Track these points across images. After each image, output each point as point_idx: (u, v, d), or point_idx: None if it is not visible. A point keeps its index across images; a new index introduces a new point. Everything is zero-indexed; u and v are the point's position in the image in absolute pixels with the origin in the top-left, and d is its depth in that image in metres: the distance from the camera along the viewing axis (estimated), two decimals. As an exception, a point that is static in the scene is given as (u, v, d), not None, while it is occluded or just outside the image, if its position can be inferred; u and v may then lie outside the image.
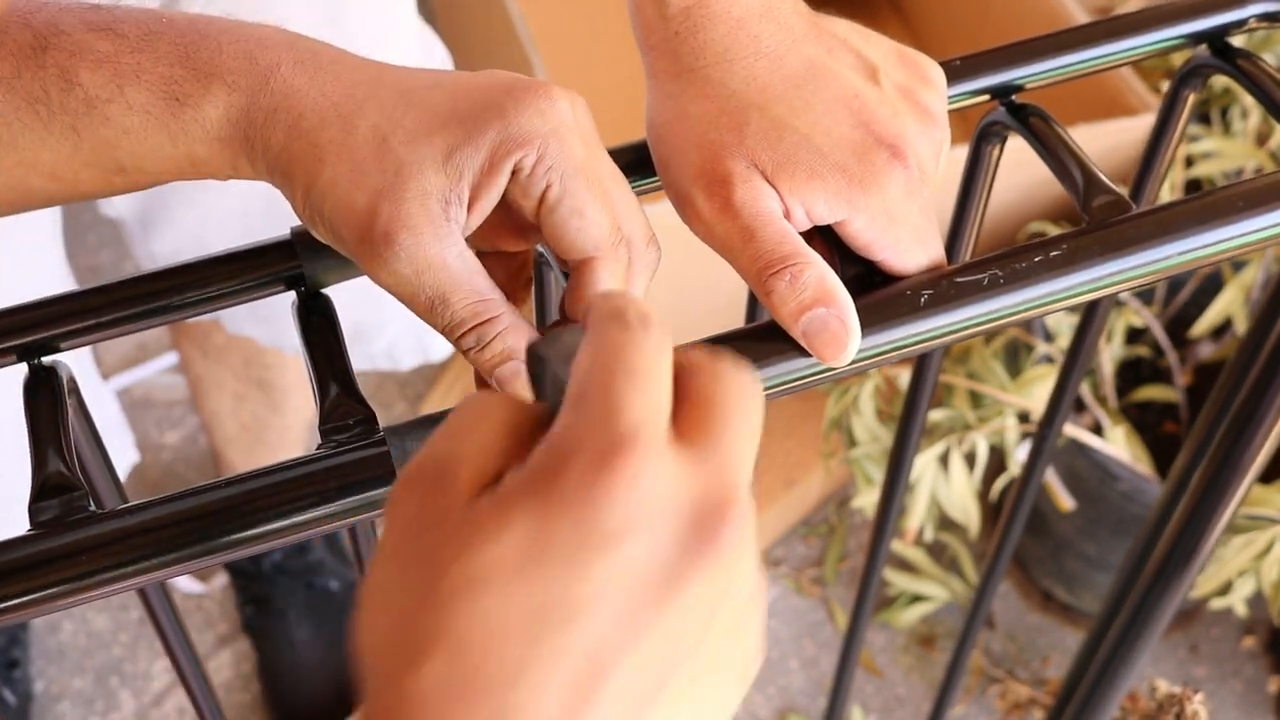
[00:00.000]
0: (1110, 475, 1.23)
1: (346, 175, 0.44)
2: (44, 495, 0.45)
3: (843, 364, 0.46)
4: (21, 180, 0.46)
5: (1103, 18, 0.60)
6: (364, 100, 0.45)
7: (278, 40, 0.46)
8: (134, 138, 0.45)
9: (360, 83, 0.46)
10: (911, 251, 0.50)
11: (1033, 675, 1.42)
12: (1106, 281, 0.50)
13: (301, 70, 0.46)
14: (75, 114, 0.45)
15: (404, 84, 0.46)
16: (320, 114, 0.45)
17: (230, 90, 0.45)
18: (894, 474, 0.73)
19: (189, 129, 0.45)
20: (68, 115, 0.45)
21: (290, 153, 0.45)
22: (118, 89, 0.45)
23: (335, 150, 0.45)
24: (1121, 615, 0.83)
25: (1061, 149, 0.53)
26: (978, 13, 1.57)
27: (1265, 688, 1.42)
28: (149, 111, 0.45)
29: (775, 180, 0.48)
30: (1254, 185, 0.52)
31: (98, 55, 0.45)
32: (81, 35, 0.45)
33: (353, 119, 0.45)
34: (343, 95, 0.45)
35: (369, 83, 0.46)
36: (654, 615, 0.30)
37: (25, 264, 0.89)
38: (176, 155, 0.46)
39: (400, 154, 0.44)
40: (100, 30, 0.45)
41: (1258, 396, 0.67)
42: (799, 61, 0.50)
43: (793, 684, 1.41)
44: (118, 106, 0.45)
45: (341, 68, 0.46)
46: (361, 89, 0.46)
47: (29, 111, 0.45)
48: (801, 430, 1.45)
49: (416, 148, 0.44)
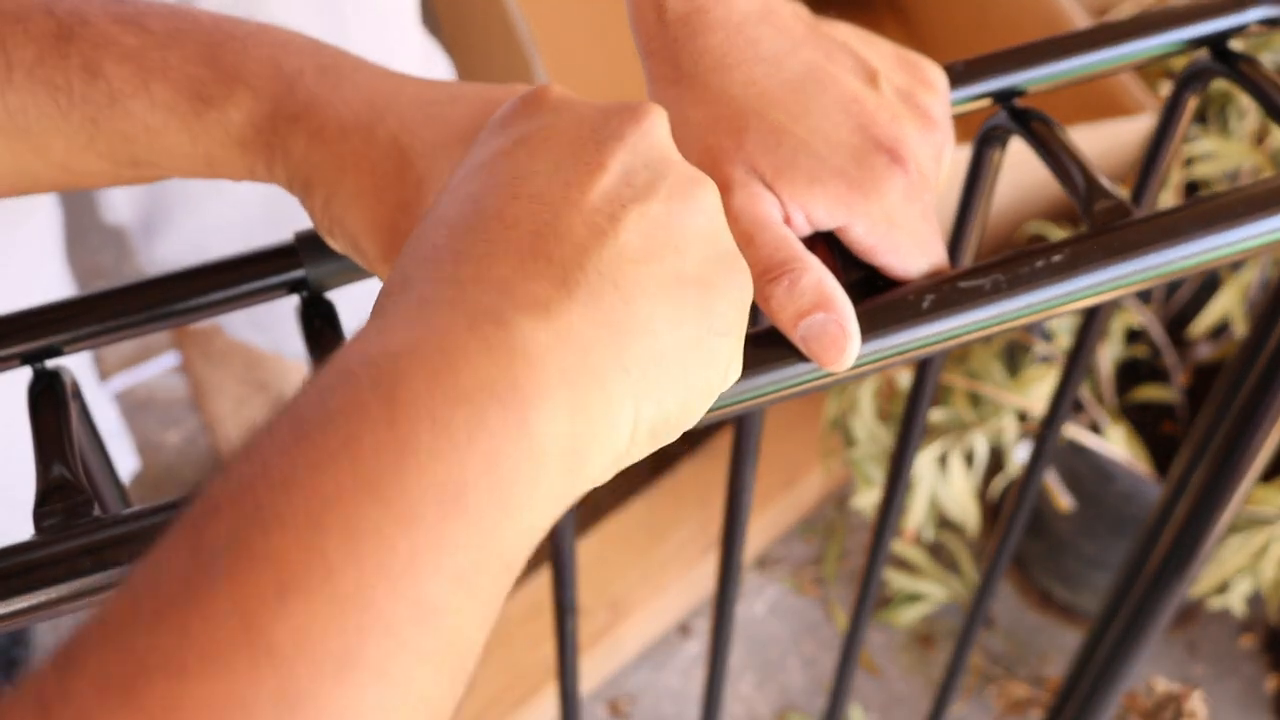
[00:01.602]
0: (1109, 475, 1.24)
1: (369, 189, 0.44)
2: (48, 500, 0.45)
3: (842, 368, 0.46)
4: (27, 166, 0.46)
5: (1105, 22, 0.60)
6: (384, 111, 0.45)
7: (301, 46, 0.47)
8: (154, 134, 0.45)
9: (381, 92, 0.46)
10: (913, 256, 0.50)
11: (1031, 674, 1.42)
12: (1109, 285, 0.50)
13: (324, 79, 0.46)
14: (97, 106, 0.45)
15: (424, 96, 0.46)
16: (342, 124, 0.45)
17: (255, 96, 0.45)
18: (894, 475, 0.73)
19: (211, 130, 0.45)
20: (89, 107, 0.45)
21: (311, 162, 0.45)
22: (143, 84, 0.44)
23: (356, 162, 0.45)
24: (1121, 615, 0.84)
25: (1063, 153, 0.53)
26: (977, 15, 1.57)
27: (1263, 686, 1.42)
28: (172, 110, 0.45)
29: (775, 185, 0.48)
30: (1254, 190, 0.52)
31: (124, 49, 0.44)
32: (107, 27, 0.45)
33: (374, 130, 0.45)
34: (364, 105, 0.45)
35: (390, 93, 0.46)
36: (596, 160, 0.38)
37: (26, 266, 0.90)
38: (194, 154, 0.46)
39: (420, 168, 0.44)
40: (126, 23, 0.45)
41: (1258, 397, 0.67)
42: (798, 66, 0.50)
43: (792, 683, 1.41)
44: (141, 102, 0.45)
45: (362, 76, 0.46)
46: (382, 99, 0.46)
47: (48, 99, 0.44)
48: (801, 430, 1.45)
49: (436, 161, 0.44)
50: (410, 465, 0.30)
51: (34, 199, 0.81)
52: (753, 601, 1.46)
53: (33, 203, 0.82)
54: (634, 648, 1.39)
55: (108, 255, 1.69)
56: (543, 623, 1.32)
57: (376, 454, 0.29)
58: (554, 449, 0.33)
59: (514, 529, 0.31)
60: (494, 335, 0.33)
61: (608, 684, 1.39)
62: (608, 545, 1.39)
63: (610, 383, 0.35)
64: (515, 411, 0.32)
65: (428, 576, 0.29)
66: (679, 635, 1.42)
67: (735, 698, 1.40)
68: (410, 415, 0.30)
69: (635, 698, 1.39)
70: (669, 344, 0.37)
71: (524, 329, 0.33)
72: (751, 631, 1.44)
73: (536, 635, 1.32)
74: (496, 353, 0.32)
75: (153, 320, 0.50)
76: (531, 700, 1.29)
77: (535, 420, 0.32)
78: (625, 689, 1.39)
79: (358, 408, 0.30)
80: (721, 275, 0.39)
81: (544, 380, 0.33)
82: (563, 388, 0.33)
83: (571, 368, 0.34)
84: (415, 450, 0.30)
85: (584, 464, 0.34)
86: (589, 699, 1.37)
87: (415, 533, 0.29)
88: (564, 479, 0.34)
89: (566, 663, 0.67)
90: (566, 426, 0.33)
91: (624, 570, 1.37)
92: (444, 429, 0.30)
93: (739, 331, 0.40)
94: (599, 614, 1.34)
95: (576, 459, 0.34)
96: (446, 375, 0.31)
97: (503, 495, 0.31)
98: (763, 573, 1.48)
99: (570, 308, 0.35)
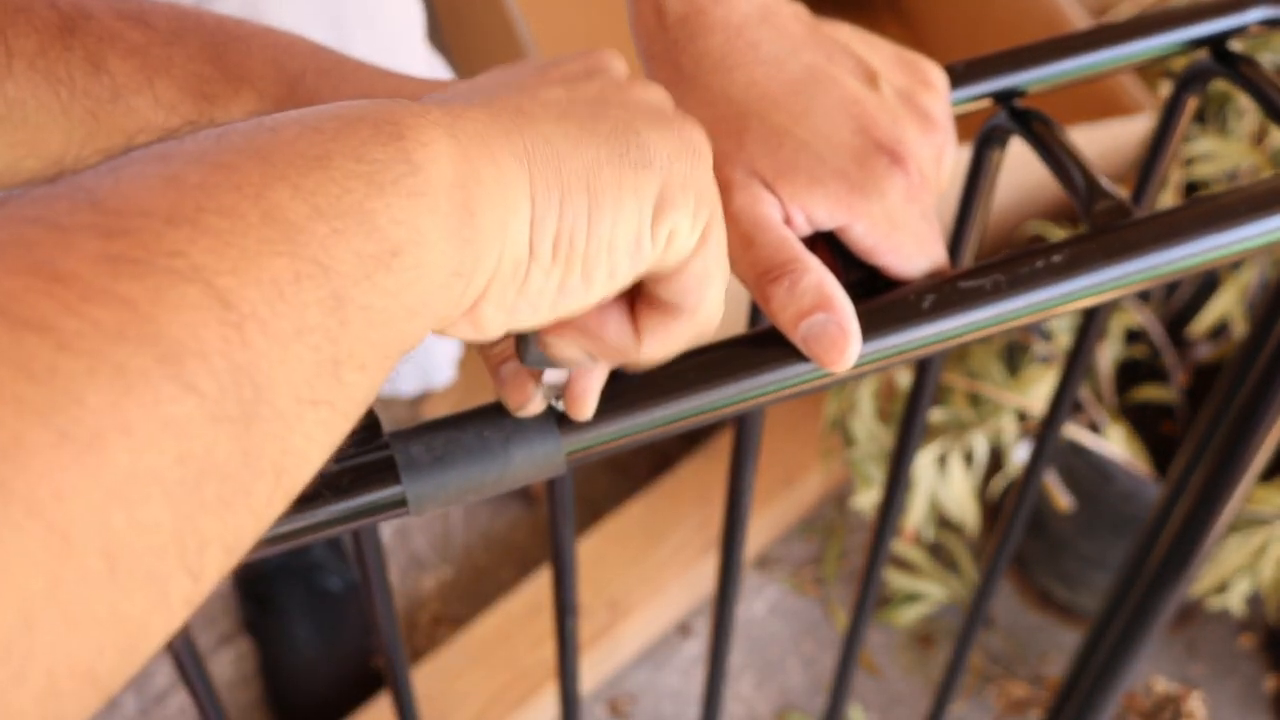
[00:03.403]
0: (1108, 475, 1.24)
1: None
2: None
3: (843, 369, 0.46)
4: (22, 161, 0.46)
5: (1105, 23, 0.60)
6: None
7: (302, 48, 0.47)
8: (154, 131, 0.45)
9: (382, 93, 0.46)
10: (913, 256, 0.50)
11: (1031, 674, 1.42)
12: (1109, 286, 0.50)
13: (325, 79, 0.46)
14: (98, 100, 0.44)
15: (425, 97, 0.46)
16: None
17: (259, 95, 0.45)
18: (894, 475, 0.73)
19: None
20: (89, 100, 0.44)
21: None
22: (147, 81, 0.44)
23: None
24: (1120, 615, 0.84)
25: (1064, 154, 0.54)
26: (977, 15, 1.57)
27: (1262, 686, 1.42)
28: (175, 107, 0.45)
29: (775, 187, 0.49)
30: (1254, 190, 0.52)
31: (128, 44, 0.44)
32: (111, 22, 0.45)
33: None
34: None
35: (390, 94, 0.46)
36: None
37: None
38: None
39: None
40: (130, 19, 0.45)
41: (1258, 397, 0.67)
42: (798, 67, 0.50)
43: (792, 683, 1.41)
44: (144, 98, 0.44)
45: (364, 77, 0.47)
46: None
47: (49, 92, 0.44)
48: (800, 430, 1.45)
49: None
50: (282, 135, 0.30)
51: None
52: (753, 601, 1.46)
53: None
54: (634, 648, 1.39)
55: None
56: (543, 623, 1.33)
57: (273, 128, 0.31)
58: (435, 181, 0.32)
59: (387, 213, 0.31)
60: (401, 112, 0.33)
61: (608, 684, 1.39)
62: (607, 545, 1.39)
63: (501, 156, 0.35)
64: (389, 135, 0.32)
65: (281, 198, 0.29)
66: (679, 635, 1.43)
67: (735, 698, 1.40)
68: (298, 118, 0.32)
69: (635, 698, 1.39)
70: (567, 148, 0.37)
71: (429, 110, 0.34)
72: (751, 631, 1.44)
73: (536, 635, 1.32)
74: (399, 114, 0.33)
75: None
76: (531, 700, 1.29)
77: (412, 148, 0.32)
78: (625, 689, 1.40)
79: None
80: (649, 118, 0.39)
81: (430, 132, 0.33)
82: (447, 140, 0.33)
83: (462, 133, 0.34)
84: (293, 123, 0.31)
85: (474, 216, 0.34)
86: (589, 699, 1.37)
87: (268, 168, 0.29)
88: (453, 218, 0.33)
89: (566, 663, 0.67)
90: (447, 171, 0.33)
91: (624, 570, 1.37)
92: (315, 122, 0.31)
93: (666, 172, 0.38)
94: (599, 614, 1.34)
95: (464, 205, 0.33)
96: (355, 110, 0.32)
97: (370, 181, 0.31)
98: (763, 573, 1.48)
99: (479, 113, 0.36)
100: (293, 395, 0.28)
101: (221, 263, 0.26)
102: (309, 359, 0.28)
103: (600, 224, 0.37)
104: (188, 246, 0.26)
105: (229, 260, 0.27)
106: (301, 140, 0.30)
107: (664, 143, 0.38)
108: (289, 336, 0.28)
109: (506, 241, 0.35)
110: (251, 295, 0.27)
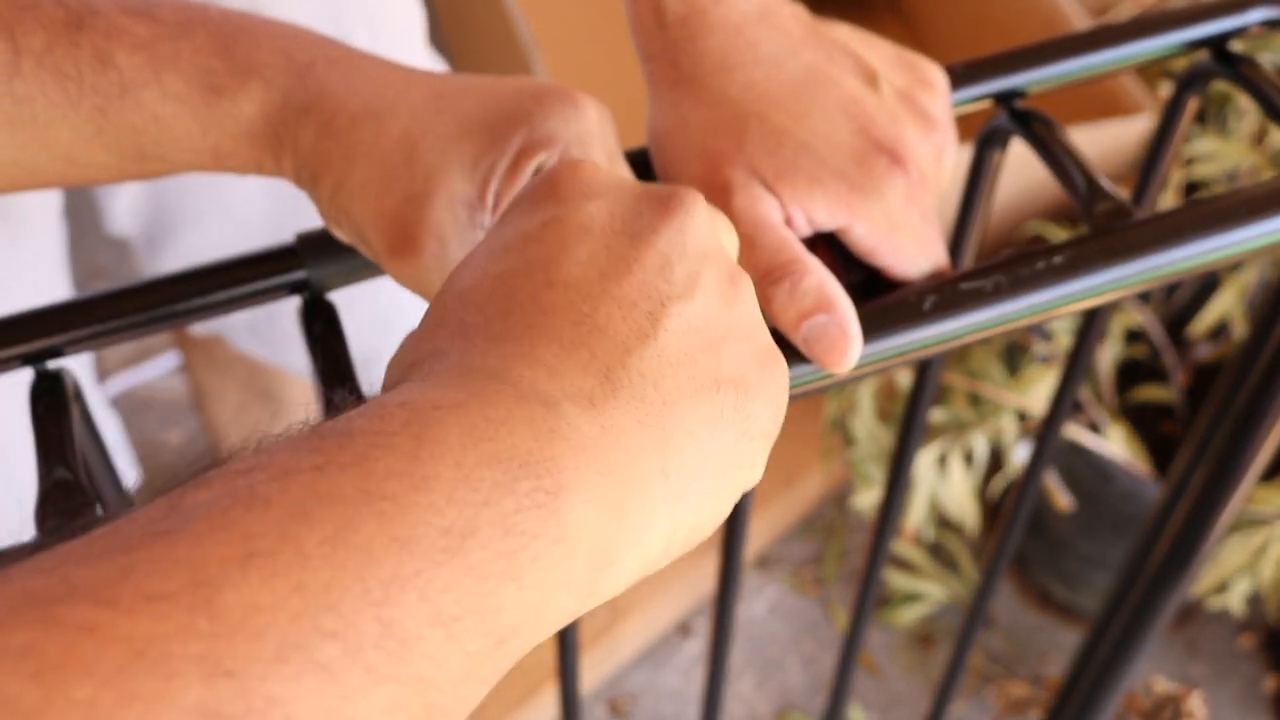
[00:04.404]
0: (1108, 475, 1.24)
1: (377, 179, 0.44)
2: (50, 501, 0.45)
3: (844, 370, 0.46)
4: (31, 159, 0.46)
5: (1106, 23, 0.60)
6: (395, 100, 0.45)
7: (310, 39, 0.47)
8: (163, 125, 0.45)
9: (391, 83, 0.46)
10: (914, 257, 0.50)
11: (1031, 674, 1.42)
12: (1110, 287, 0.50)
13: (334, 69, 0.46)
14: (107, 96, 0.44)
15: (434, 88, 0.46)
16: (351, 114, 0.45)
17: (267, 87, 0.45)
18: (894, 475, 0.73)
19: (222, 121, 0.45)
20: (98, 96, 0.44)
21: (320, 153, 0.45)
22: (154, 75, 0.44)
23: (366, 152, 0.45)
24: (1120, 615, 0.84)
25: (1064, 154, 0.54)
26: (977, 15, 1.57)
27: (1262, 686, 1.42)
28: (183, 101, 0.45)
29: (775, 187, 0.48)
30: (1254, 192, 0.52)
31: (135, 39, 0.44)
32: (117, 17, 0.45)
33: (384, 120, 0.45)
34: (374, 94, 0.46)
35: (399, 84, 0.46)
36: (631, 254, 0.36)
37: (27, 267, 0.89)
38: (203, 147, 0.46)
39: (429, 160, 0.44)
40: (137, 14, 0.45)
41: (1258, 397, 0.67)
42: (798, 68, 0.50)
43: (792, 682, 1.41)
44: (152, 92, 0.44)
45: (372, 68, 0.46)
46: (392, 89, 0.46)
47: (57, 88, 0.44)
48: (800, 430, 1.45)
49: (445, 153, 0.44)
50: (420, 499, 0.28)
51: (37, 220, 0.81)
52: (753, 601, 1.46)
53: (35, 224, 0.81)
54: (634, 647, 1.39)
55: (108, 256, 1.69)
56: (543, 622, 1.32)
57: (388, 478, 0.28)
58: (582, 542, 0.31)
59: (515, 601, 0.29)
60: (540, 413, 0.31)
61: (608, 684, 1.39)
62: (608, 545, 1.39)
63: (650, 488, 0.34)
64: (547, 492, 0.30)
65: (406, 604, 0.26)
66: (679, 635, 1.43)
67: (735, 697, 1.40)
68: (435, 455, 0.29)
69: (635, 697, 1.39)
70: (709, 450, 0.35)
71: (571, 416, 0.32)
72: (751, 631, 1.44)
73: (536, 635, 1.32)
74: (540, 430, 0.31)
75: (154, 321, 0.50)
76: (531, 700, 1.29)
77: (566, 507, 0.31)
78: (625, 689, 1.39)
79: (383, 435, 0.29)
80: (759, 376, 0.38)
81: (584, 471, 0.31)
82: (601, 484, 0.32)
83: (615, 467, 0.32)
84: (430, 487, 0.28)
85: (611, 565, 0.33)
86: (589, 699, 1.37)
87: (404, 557, 0.27)
88: (587, 575, 0.32)
89: (566, 662, 0.67)
90: (597, 523, 0.32)
91: (624, 570, 1.37)
92: (466, 480, 0.29)
93: (773, 434, 0.38)
94: (599, 614, 1.34)
95: (604, 559, 0.32)
96: (484, 434, 0.30)
97: (512, 563, 0.29)
98: (763, 572, 1.48)
99: (616, 405, 0.33)
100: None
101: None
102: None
103: (721, 510, 0.37)
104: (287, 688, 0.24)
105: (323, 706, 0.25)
106: (451, 509, 0.28)
107: (772, 400, 0.38)
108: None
109: (640, 558, 0.34)
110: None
